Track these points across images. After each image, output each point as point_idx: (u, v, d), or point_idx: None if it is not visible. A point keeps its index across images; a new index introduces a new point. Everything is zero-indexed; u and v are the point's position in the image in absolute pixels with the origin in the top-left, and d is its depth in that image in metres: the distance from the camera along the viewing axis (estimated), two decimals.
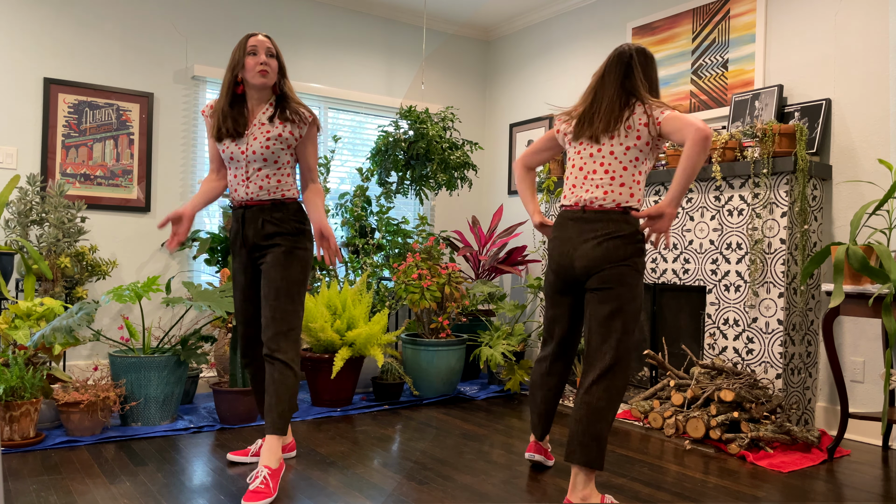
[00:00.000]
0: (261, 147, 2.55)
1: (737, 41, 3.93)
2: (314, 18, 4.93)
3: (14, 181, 3.33)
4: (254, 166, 2.57)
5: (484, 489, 2.52)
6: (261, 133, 2.57)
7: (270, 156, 2.56)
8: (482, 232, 5.20)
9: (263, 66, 2.53)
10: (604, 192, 2.37)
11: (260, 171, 2.57)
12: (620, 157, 2.37)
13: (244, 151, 2.57)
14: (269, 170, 2.57)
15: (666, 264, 3.88)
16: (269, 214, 2.56)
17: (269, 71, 2.55)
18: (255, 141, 2.56)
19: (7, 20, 3.92)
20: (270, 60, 2.57)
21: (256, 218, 2.57)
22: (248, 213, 2.59)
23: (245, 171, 2.58)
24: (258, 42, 2.56)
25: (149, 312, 4.32)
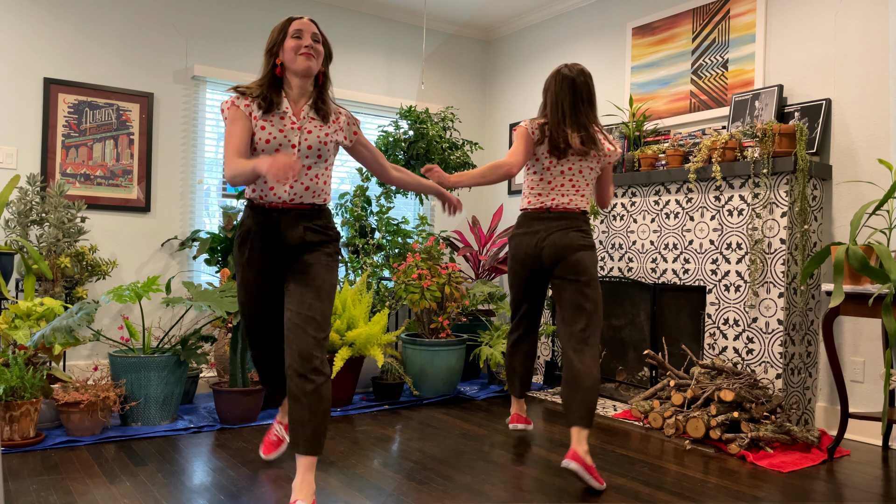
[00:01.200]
0: (318, 141, 2.33)
1: (737, 41, 3.93)
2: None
3: (14, 181, 3.33)
4: (305, 162, 2.33)
5: (484, 489, 2.52)
6: (315, 127, 2.35)
7: (326, 153, 2.36)
8: (482, 232, 5.20)
9: (308, 50, 2.31)
10: (568, 199, 2.85)
11: (310, 170, 2.34)
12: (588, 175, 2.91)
13: (296, 145, 2.31)
14: (319, 168, 2.36)
15: (666, 264, 3.88)
16: (309, 221, 2.35)
17: (314, 55, 2.33)
18: (311, 135, 2.33)
19: (7, 20, 3.92)
20: (316, 45, 2.35)
21: (296, 224, 2.33)
22: (286, 218, 2.33)
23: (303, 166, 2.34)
24: (303, 25, 2.34)
25: (149, 312, 4.32)
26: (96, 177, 4.15)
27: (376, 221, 4.61)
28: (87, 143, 4.12)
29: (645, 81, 4.43)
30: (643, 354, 3.92)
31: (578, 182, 2.84)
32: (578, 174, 2.84)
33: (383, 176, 2.60)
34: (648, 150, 3.99)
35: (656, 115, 4.33)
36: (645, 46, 4.44)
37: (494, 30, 5.65)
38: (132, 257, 4.27)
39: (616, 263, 4.17)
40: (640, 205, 4.03)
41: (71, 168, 4.07)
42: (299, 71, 2.31)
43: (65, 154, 4.06)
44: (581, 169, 2.84)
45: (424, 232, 4.62)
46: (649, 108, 4.36)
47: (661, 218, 3.92)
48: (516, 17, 5.40)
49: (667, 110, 4.28)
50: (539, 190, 2.87)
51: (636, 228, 4.06)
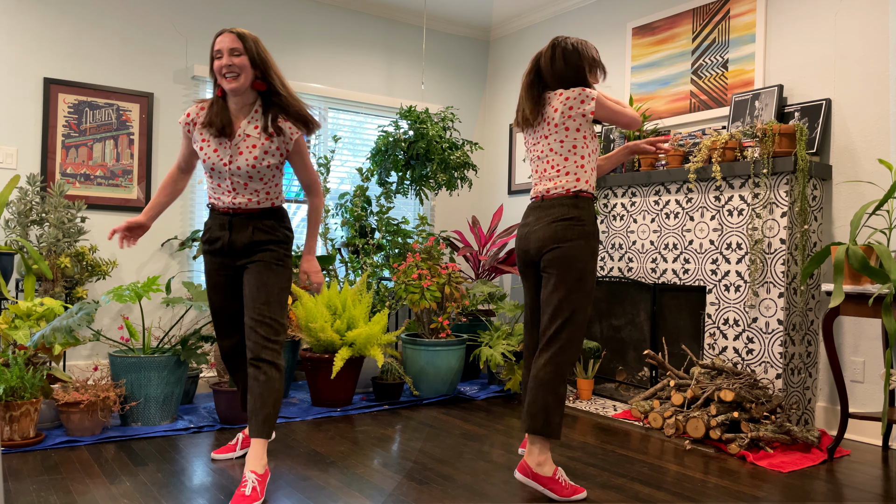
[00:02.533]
0: (247, 165, 2.44)
1: (737, 41, 3.93)
2: (314, 18, 4.93)
3: (14, 181, 3.33)
4: (240, 181, 2.47)
5: (484, 489, 2.52)
6: (246, 147, 2.43)
7: (256, 174, 2.46)
8: (482, 232, 5.20)
9: (229, 69, 2.37)
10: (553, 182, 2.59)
11: (247, 186, 2.48)
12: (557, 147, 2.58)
13: (227, 164, 2.45)
14: (256, 185, 2.49)
15: (666, 264, 3.88)
16: (259, 222, 2.51)
17: (237, 72, 2.38)
18: (241, 156, 2.43)
19: (7, 20, 3.92)
20: (236, 59, 2.37)
21: (246, 225, 2.51)
22: (237, 220, 2.51)
23: (230, 184, 2.47)
24: (220, 42, 2.38)
25: (149, 312, 4.32)
26: (96, 177, 4.15)
27: (376, 221, 4.61)
28: (87, 143, 4.12)
29: (645, 81, 4.43)
30: (643, 354, 3.92)
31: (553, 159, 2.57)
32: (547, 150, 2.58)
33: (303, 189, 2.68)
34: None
35: (656, 115, 4.33)
36: (645, 46, 4.44)
37: (494, 30, 5.65)
38: (132, 257, 4.27)
39: (616, 263, 4.17)
40: (640, 205, 4.03)
41: (71, 168, 4.07)
42: (228, 91, 2.41)
43: (65, 154, 4.06)
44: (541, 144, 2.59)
45: (424, 232, 4.62)
46: (649, 108, 4.36)
47: (661, 218, 3.92)
48: (516, 17, 5.40)
49: (667, 110, 4.28)
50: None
51: (636, 228, 4.06)
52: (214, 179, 2.51)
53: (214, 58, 2.41)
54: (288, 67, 4.81)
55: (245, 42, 2.40)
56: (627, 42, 4.55)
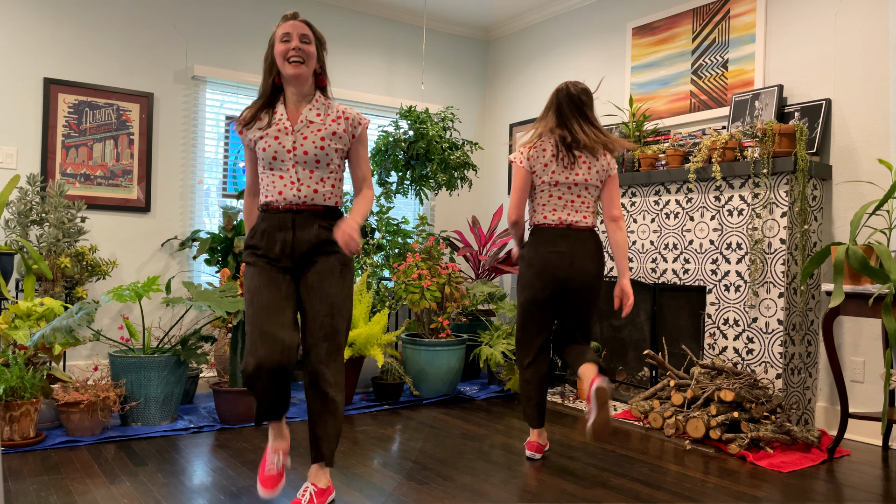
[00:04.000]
0: (314, 147, 2.28)
1: (737, 41, 3.93)
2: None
3: (14, 181, 3.33)
4: (305, 168, 2.28)
5: (484, 489, 2.52)
6: (311, 132, 2.30)
7: (324, 157, 2.30)
8: (482, 232, 5.20)
9: (297, 53, 2.24)
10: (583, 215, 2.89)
11: (312, 175, 2.29)
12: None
13: (291, 150, 2.28)
14: (322, 173, 2.30)
15: (666, 264, 3.88)
16: (323, 220, 2.29)
17: (303, 59, 2.25)
18: (307, 140, 2.28)
19: (7, 20, 3.92)
20: (305, 47, 2.26)
21: (310, 223, 2.27)
22: (300, 219, 2.27)
23: (294, 173, 2.28)
24: (291, 27, 2.26)
25: (149, 312, 4.32)
26: (96, 177, 4.15)
27: (376, 221, 4.61)
28: (87, 143, 4.12)
29: (645, 81, 4.42)
30: (643, 354, 3.92)
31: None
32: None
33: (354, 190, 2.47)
34: (648, 150, 3.99)
35: (656, 115, 4.33)
36: (645, 46, 4.44)
37: (494, 30, 5.65)
38: (132, 257, 4.27)
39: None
40: (640, 205, 4.03)
41: (71, 168, 4.07)
42: (289, 77, 2.27)
43: (65, 154, 4.06)
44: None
45: (424, 232, 4.62)
46: (649, 108, 4.36)
47: (661, 218, 3.92)
48: (516, 17, 5.40)
49: (667, 110, 4.28)
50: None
51: (636, 228, 4.06)
52: (276, 171, 2.29)
53: (281, 40, 2.26)
54: None
55: (315, 32, 2.31)
56: (627, 42, 4.55)
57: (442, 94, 5.52)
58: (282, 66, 2.26)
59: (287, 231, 2.26)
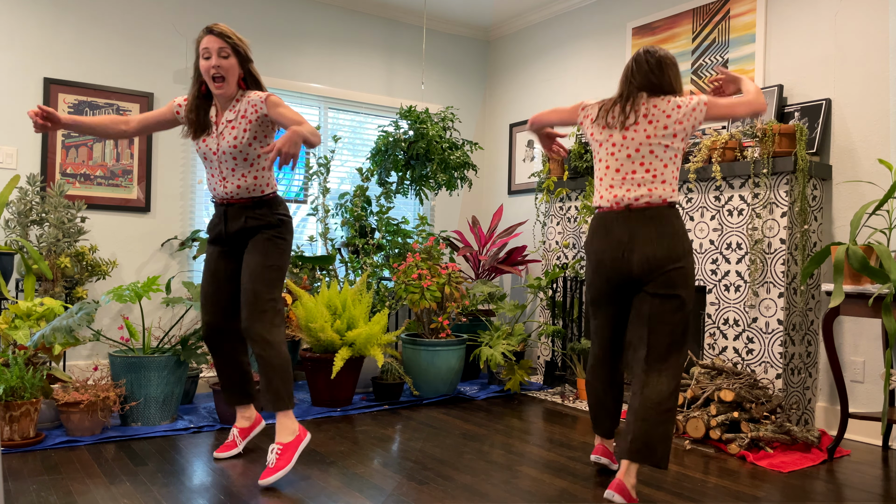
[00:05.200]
0: (229, 146, 2.56)
1: (737, 41, 3.93)
2: (314, 18, 4.93)
3: (14, 181, 3.33)
4: (227, 166, 2.59)
5: (484, 489, 2.52)
6: (228, 132, 2.57)
7: (239, 154, 2.57)
8: (482, 232, 5.20)
9: (217, 71, 2.50)
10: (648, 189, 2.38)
11: (234, 171, 2.59)
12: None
13: (216, 152, 2.59)
14: (243, 168, 2.59)
15: None
16: (251, 211, 2.62)
17: (224, 75, 2.51)
18: (224, 140, 2.57)
19: (7, 20, 3.92)
20: (223, 62, 2.50)
21: (239, 215, 2.63)
22: (231, 210, 2.64)
23: (220, 171, 2.61)
24: (209, 42, 2.50)
25: (149, 312, 4.32)
26: (96, 177, 4.15)
27: (376, 221, 4.61)
28: (87, 143, 4.12)
29: None
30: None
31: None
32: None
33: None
34: None
35: None
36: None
37: (494, 30, 5.65)
38: (132, 257, 4.27)
39: None
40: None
41: (71, 168, 4.08)
42: (215, 94, 2.56)
43: (65, 154, 4.06)
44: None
45: (424, 232, 4.62)
46: None
47: None
48: (516, 17, 5.40)
49: None
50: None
51: None
52: (208, 170, 2.66)
53: (202, 56, 2.52)
54: (288, 67, 4.82)
55: (232, 43, 2.52)
56: (627, 42, 4.55)
57: (442, 94, 5.52)
58: (208, 81, 2.54)
59: (221, 223, 2.67)
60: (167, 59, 4.38)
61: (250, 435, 2.90)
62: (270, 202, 2.65)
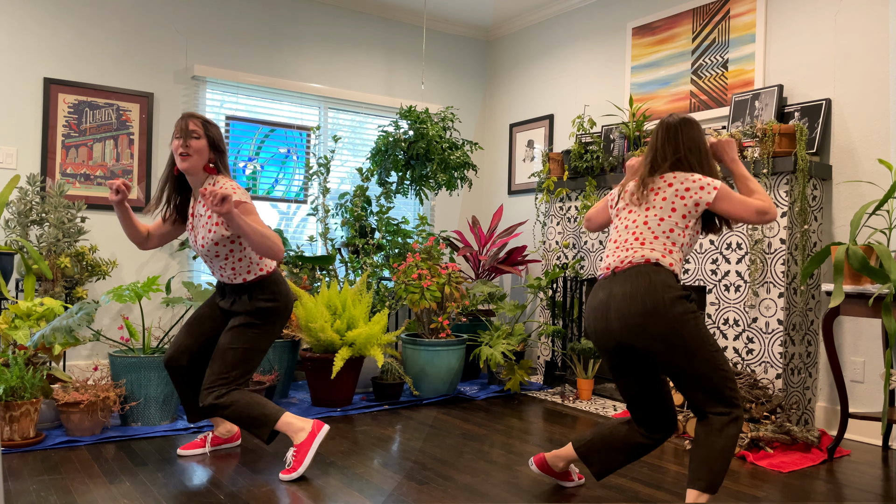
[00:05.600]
0: (209, 241, 2.58)
1: (737, 41, 3.93)
2: (314, 18, 4.93)
3: (14, 181, 3.33)
4: (209, 257, 2.62)
5: (484, 489, 2.52)
6: (201, 227, 2.60)
7: (221, 249, 2.59)
8: (482, 232, 5.20)
9: (184, 149, 2.51)
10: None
11: (215, 260, 2.62)
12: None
13: (195, 244, 2.65)
14: (222, 261, 2.62)
15: None
16: (238, 295, 2.65)
17: (190, 154, 2.52)
18: (200, 237, 2.60)
19: (7, 20, 3.92)
20: (194, 142, 2.52)
21: (231, 294, 2.68)
22: (228, 288, 2.69)
23: (209, 261, 2.65)
24: (181, 125, 2.53)
25: (149, 312, 4.32)
26: (96, 177, 4.15)
27: (376, 221, 4.61)
28: (87, 143, 4.12)
29: (645, 81, 4.43)
30: None
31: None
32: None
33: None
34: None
35: (656, 115, 4.33)
36: (645, 46, 4.44)
37: (494, 30, 5.65)
38: (132, 257, 4.27)
39: None
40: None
41: (71, 168, 4.07)
42: (182, 170, 2.54)
43: (65, 154, 4.06)
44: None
45: (424, 232, 4.62)
46: (649, 108, 4.36)
47: None
48: (516, 17, 5.40)
49: (667, 110, 4.28)
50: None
51: None
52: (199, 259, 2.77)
53: (174, 136, 2.55)
54: (288, 67, 4.82)
55: (206, 124, 2.56)
56: (627, 42, 4.55)
57: (442, 94, 5.52)
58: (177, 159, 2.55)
59: (219, 294, 2.75)
60: (167, 59, 4.38)
61: (220, 446, 2.96)
62: (254, 287, 2.63)
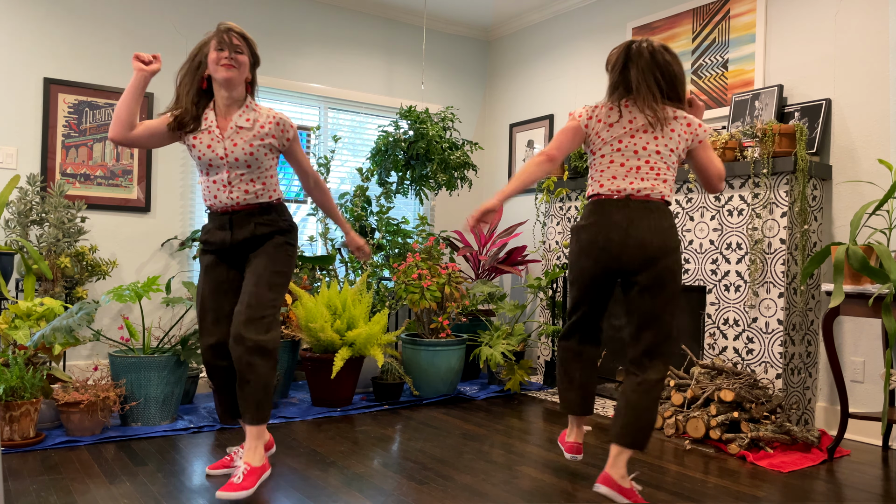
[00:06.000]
0: (244, 154, 2.44)
1: (737, 41, 3.93)
2: (314, 18, 4.93)
3: (14, 181, 3.33)
4: (237, 172, 2.45)
5: (484, 489, 2.52)
6: (241, 139, 2.44)
7: (254, 161, 2.45)
8: (482, 232, 5.20)
9: (229, 61, 2.36)
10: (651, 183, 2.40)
11: (243, 177, 2.46)
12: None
13: (223, 157, 2.44)
14: (252, 174, 2.47)
15: None
16: (259, 217, 2.49)
17: (235, 66, 2.38)
18: (237, 147, 2.43)
19: (7, 20, 3.92)
20: (239, 56, 2.39)
21: (247, 221, 2.49)
22: (237, 218, 2.49)
23: (226, 177, 2.45)
24: (225, 37, 2.37)
25: (149, 312, 4.32)
26: (96, 177, 4.15)
27: (376, 221, 4.61)
28: (87, 143, 4.12)
29: None
30: None
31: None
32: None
33: (303, 184, 2.71)
34: None
35: None
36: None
37: (494, 30, 5.65)
38: (132, 257, 4.27)
39: None
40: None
41: (71, 168, 4.07)
42: (221, 81, 2.39)
43: (65, 154, 4.06)
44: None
45: (424, 232, 4.62)
46: None
47: None
48: (516, 17, 5.40)
49: None
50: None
51: None
52: (210, 176, 2.48)
53: (213, 48, 2.37)
54: (288, 67, 4.82)
55: (248, 43, 2.44)
56: None
57: (442, 94, 5.52)
58: (215, 71, 2.39)
59: (225, 231, 2.51)
60: (167, 59, 4.38)
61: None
62: (278, 208, 2.54)
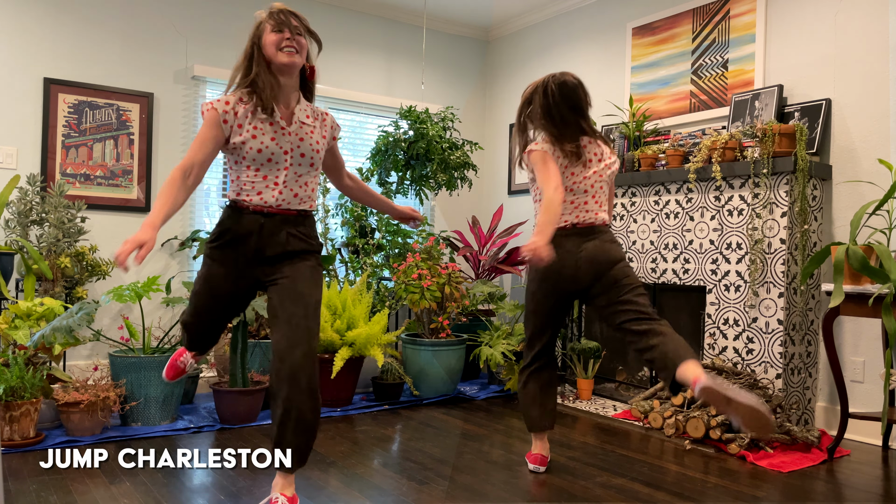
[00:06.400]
0: (311, 149, 2.20)
1: (737, 41, 3.93)
2: (314, 18, 4.90)
3: (14, 181, 3.33)
4: (296, 170, 2.18)
5: (484, 489, 2.52)
6: (307, 133, 2.21)
7: (319, 160, 2.25)
8: (482, 232, 5.20)
9: (291, 43, 2.13)
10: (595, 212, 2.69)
11: (300, 177, 2.19)
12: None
13: (288, 151, 2.16)
14: (308, 176, 2.22)
15: (666, 264, 3.88)
16: (293, 227, 2.18)
17: (297, 50, 2.15)
18: (304, 142, 2.19)
19: (7, 20, 3.92)
20: (299, 37, 2.17)
21: (279, 229, 2.16)
22: (269, 223, 2.16)
23: (282, 175, 2.15)
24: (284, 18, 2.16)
25: (149, 312, 4.32)
26: (96, 177, 4.15)
27: (376, 221, 4.61)
28: (87, 143, 4.12)
29: (645, 81, 4.42)
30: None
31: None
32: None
33: (338, 181, 2.53)
34: (648, 150, 3.99)
35: (656, 115, 4.33)
36: (645, 46, 4.44)
37: (494, 30, 5.65)
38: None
39: None
40: (640, 205, 4.03)
41: (71, 168, 4.07)
42: (282, 67, 2.14)
43: (65, 154, 4.06)
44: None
45: (424, 232, 4.62)
46: (649, 108, 4.36)
47: (661, 218, 3.92)
48: (516, 17, 5.40)
49: (667, 110, 4.28)
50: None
51: (636, 228, 4.06)
52: (262, 172, 2.16)
53: (271, 30, 2.16)
54: None
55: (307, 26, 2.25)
56: (627, 42, 4.55)
57: (442, 94, 5.52)
58: (276, 56, 2.15)
59: (252, 235, 2.15)
60: (167, 59, 4.38)
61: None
62: (312, 220, 2.27)
